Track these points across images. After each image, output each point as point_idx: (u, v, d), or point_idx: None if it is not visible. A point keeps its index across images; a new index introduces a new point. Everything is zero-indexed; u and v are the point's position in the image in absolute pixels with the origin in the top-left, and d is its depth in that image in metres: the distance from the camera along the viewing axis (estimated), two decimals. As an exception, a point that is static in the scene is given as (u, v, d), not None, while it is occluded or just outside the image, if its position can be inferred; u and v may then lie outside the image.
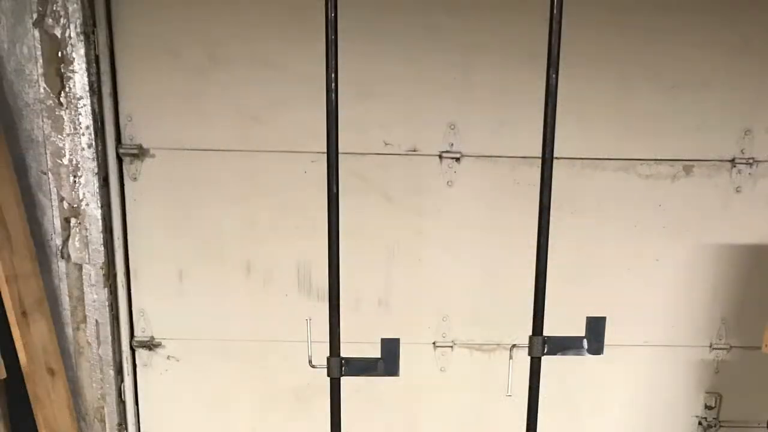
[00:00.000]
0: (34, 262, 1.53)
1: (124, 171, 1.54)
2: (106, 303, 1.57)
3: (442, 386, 1.58)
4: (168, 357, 1.60)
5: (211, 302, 1.53)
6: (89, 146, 1.50)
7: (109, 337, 1.58)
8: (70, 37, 1.41)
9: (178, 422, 1.61)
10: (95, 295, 1.57)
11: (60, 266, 1.56)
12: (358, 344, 1.19)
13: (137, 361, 1.56)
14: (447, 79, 1.43)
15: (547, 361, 1.01)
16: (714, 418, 1.65)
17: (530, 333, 0.99)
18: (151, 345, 1.54)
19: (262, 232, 1.56)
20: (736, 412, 1.60)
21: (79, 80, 1.46)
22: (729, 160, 1.55)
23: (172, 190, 1.54)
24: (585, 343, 0.99)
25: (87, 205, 1.52)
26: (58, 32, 1.41)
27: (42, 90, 1.48)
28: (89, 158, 1.50)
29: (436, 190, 1.50)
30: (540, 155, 0.93)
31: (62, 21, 1.40)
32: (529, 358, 1.01)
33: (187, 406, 1.58)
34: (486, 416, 1.65)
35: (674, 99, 1.52)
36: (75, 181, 1.52)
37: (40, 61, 1.42)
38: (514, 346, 1.04)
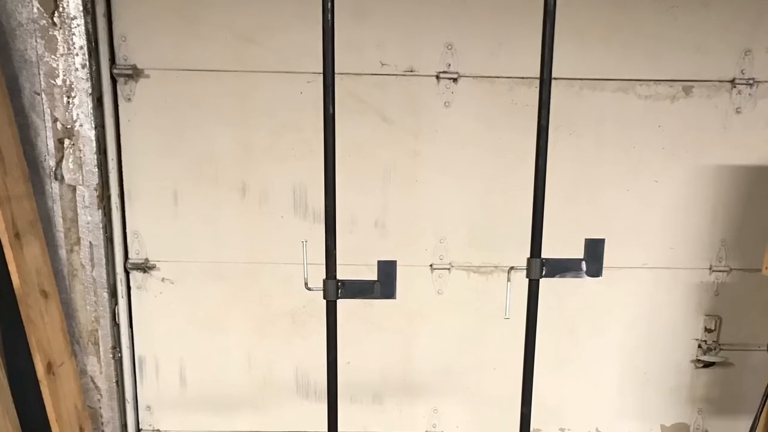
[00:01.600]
0: (27, 183, 2.60)
1: (118, 91, 2.60)
2: (100, 225, 2.65)
3: (440, 309, 2.66)
4: (162, 279, 2.69)
5: (206, 224, 2.57)
6: (83, 66, 2.55)
7: (103, 260, 2.67)
8: (63, -45, 2.45)
9: (173, 345, 2.69)
10: (89, 217, 2.66)
11: (53, 188, 2.64)
12: (355, 266, 2.29)
13: (131, 284, 2.64)
14: (444, -2, 2.48)
15: (545, 284, 1.82)
16: (714, 341, 2.75)
17: (528, 255, 1.64)
18: (145, 267, 2.64)
19: (258, 153, 2.60)
20: (735, 335, 2.71)
21: (72, 0, 2.51)
22: (729, 81, 2.62)
23: (166, 111, 2.60)
24: (583, 265, 1.64)
25: (81, 126, 2.59)
26: (52, -49, 2.45)
27: (35, 10, 2.51)
28: (83, 79, 2.56)
29: (433, 111, 2.52)
30: (538, 76, 1.51)
31: (56, -61, 2.43)
32: (527, 280, 1.66)
33: (181, 329, 2.67)
34: (484, 339, 2.72)
35: (674, 19, 2.57)
36: (69, 102, 2.58)
37: (36, -20, 2.46)
38: (512, 268, 1.73)
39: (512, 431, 2.60)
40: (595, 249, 1.67)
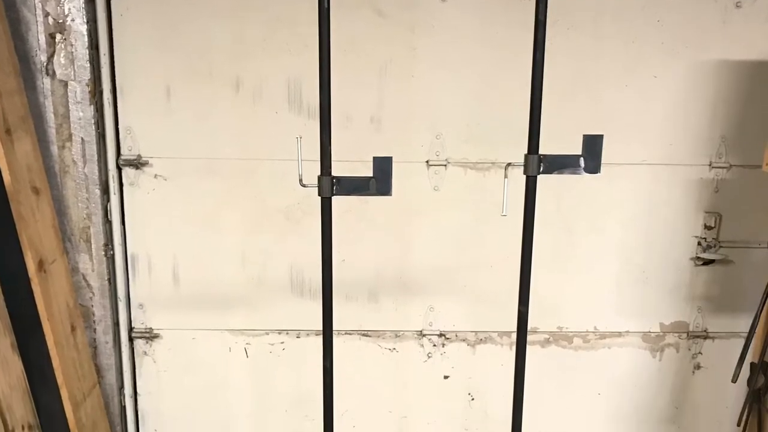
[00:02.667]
0: (18, 78, 3.68)
1: (110, -16, 3.71)
2: (92, 121, 3.76)
3: (436, 206, 3.68)
4: (155, 176, 3.71)
5: (200, 120, 3.56)
6: (74, -41, 3.67)
7: (95, 156, 3.75)
8: None
9: (165, 242, 3.72)
10: (81, 113, 3.78)
11: (45, 83, 3.76)
12: (350, 163, 3.37)
13: (124, 180, 3.66)
14: None
15: (543, 181, 2.63)
16: (714, 238, 3.82)
17: (526, 151, 2.24)
18: (138, 163, 3.69)
19: (252, 47, 3.53)
20: (735, 232, 3.77)
21: None
22: (729, -26, 3.76)
23: (159, 5, 3.56)
24: (581, 161, 2.24)
25: (72, 20, 3.66)
26: None
27: None
28: (74, -29, 3.68)
29: (429, 4, 3.45)
30: (536, -31, 2.05)
31: None
32: (524, 177, 2.27)
33: (174, 227, 3.69)
34: (481, 236, 3.74)
35: None
36: (60, -5, 3.70)
37: None
38: (509, 164, 2.38)
39: (509, 330, 3.89)
40: (593, 145, 2.29)
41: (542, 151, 2.33)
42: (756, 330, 3.61)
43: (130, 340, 3.96)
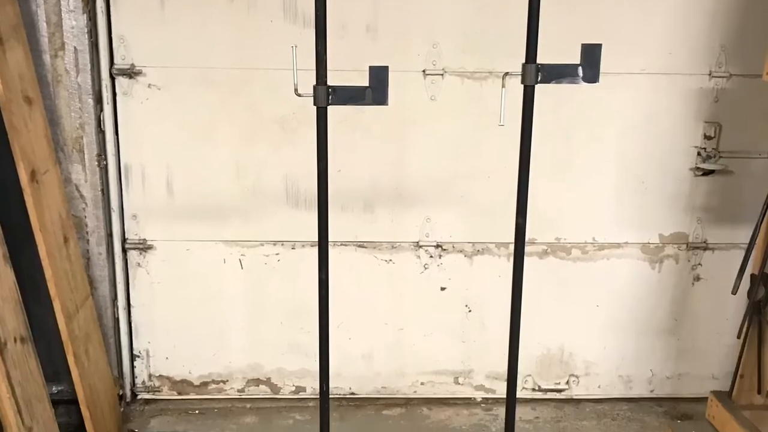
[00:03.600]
0: None
1: None
2: (85, 29, 4.33)
3: (433, 116, 4.38)
4: (149, 85, 4.37)
5: (194, 29, 4.19)
6: None
7: (88, 65, 4.38)
8: None
9: (159, 153, 4.40)
10: (74, 21, 4.40)
11: None
12: (346, 72, 3.84)
13: (117, 90, 4.31)
14: None
15: (540, 91, 2.87)
16: (713, 149, 4.48)
17: (524, 61, 2.63)
18: (131, 73, 4.32)
19: None
20: (735, 142, 4.49)
21: None
22: None
23: None
24: (580, 70, 2.63)
25: None
26: None
27: None
28: None
29: None
30: None
31: None
32: (522, 87, 2.66)
33: (168, 137, 4.38)
34: (478, 146, 4.41)
35: None
36: None
37: None
38: (506, 74, 2.68)
39: (507, 241, 4.72)
40: (591, 54, 2.61)
41: (540, 60, 2.71)
42: (756, 241, 4.28)
43: (124, 251, 4.69)
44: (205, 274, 4.75)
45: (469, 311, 4.90)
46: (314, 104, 2.67)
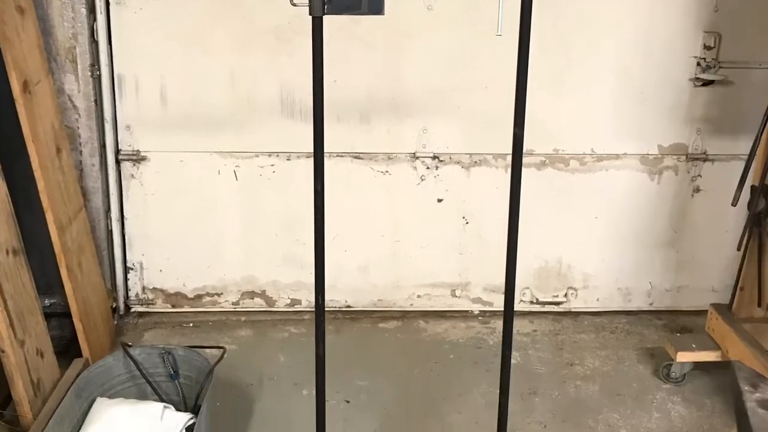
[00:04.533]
0: None
1: None
2: None
3: (430, 26, 4.73)
4: None
5: None
6: None
7: None
8: None
9: (153, 63, 4.73)
10: None
11: None
12: None
13: None
14: None
15: (539, 1, 3.43)
16: (713, 59, 4.79)
17: None
18: None
19: None
20: (735, 53, 4.85)
21: None
22: None
23: None
24: None
25: None
26: None
27: None
28: None
29: None
30: None
31: None
32: None
33: (162, 46, 4.72)
34: (475, 57, 4.76)
35: None
36: None
37: None
38: None
39: (505, 152, 5.09)
40: None
41: (540, -26, 2.64)
42: (756, 152, 4.55)
43: (117, 162, 5.07)
44: (199, 186, 5.13)
45: (467, 223, 5.28)
46: (309, 14, 2.70)
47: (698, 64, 4.86)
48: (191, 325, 5.34)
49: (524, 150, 2.93)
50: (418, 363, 4.77)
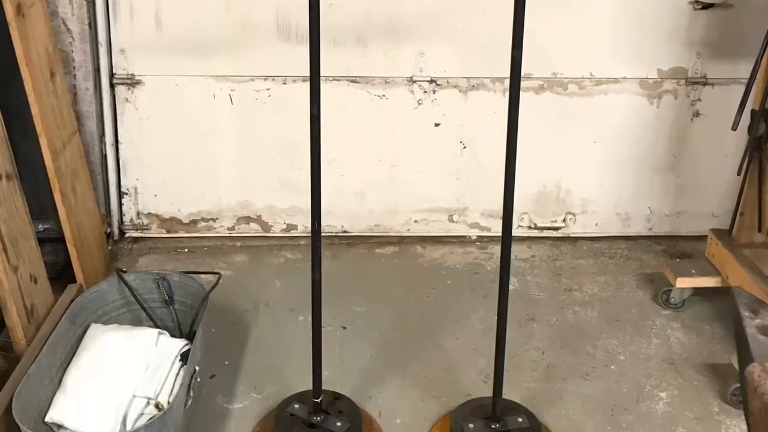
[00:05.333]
0: None
1: None
2: None
3: None
4: None
5: None
6: None
7: None
8: None
9: None
10: None
11: None
12: None
13: None
14: None
15: None
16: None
17: None
18: None
19: None
20: None
21: None
22: None
23: None
24: None
25: None
26: None
27: None
28: None
29: None
30: None
31: None
32: None
33: None
34: None
35: None
36: None
37: None
38: None
39: (502, 76, 5.36)
40: None
41: None
42: (757, 76, 4.72)
43: (111, 86, 5.27)
44: (194, 110, 5.35)
45: (464, 148, 5.51)
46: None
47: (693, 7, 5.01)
48: (186, 250, 5.58)
49: (522, 74, 3.06)
50: (415, 289, 4.96)
